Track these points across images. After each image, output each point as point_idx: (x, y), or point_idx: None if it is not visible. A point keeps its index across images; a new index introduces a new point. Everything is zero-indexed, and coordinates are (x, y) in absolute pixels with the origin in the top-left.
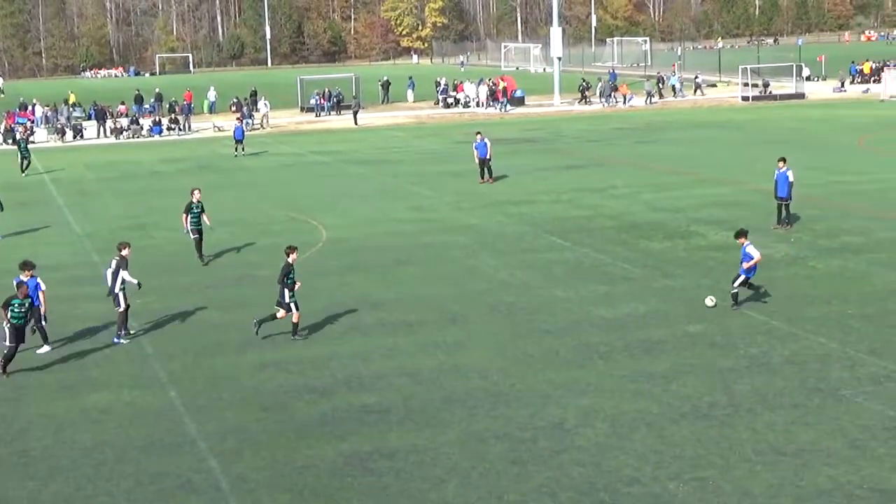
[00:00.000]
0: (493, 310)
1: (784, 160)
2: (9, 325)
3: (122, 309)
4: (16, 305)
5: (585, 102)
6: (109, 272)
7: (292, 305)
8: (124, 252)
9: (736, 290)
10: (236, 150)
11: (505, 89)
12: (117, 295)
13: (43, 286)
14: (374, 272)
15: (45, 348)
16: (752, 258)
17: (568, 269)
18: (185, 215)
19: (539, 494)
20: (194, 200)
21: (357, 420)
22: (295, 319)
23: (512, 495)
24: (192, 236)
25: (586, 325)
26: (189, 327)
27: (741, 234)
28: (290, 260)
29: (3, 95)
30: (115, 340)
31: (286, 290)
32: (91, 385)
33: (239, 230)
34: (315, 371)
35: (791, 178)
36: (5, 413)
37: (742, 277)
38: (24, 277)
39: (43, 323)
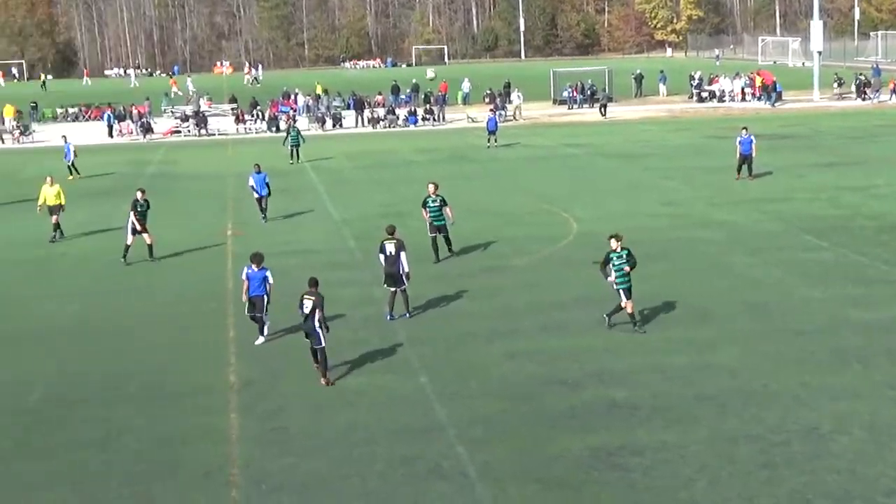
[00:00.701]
0: (745, 308)
1: None
2: (322, 325)
3: (406, 286)
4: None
5: (862, 98)
6: (382, 257)
7: (622, 293)
8: (396, 234)
9: None
10: (489, 141)
11: (774, 83)
12: (400, 277)
13: (271, 280)
14: None
15: (261, 339)
16: None
17: (824, 270)
18: (424, 210)
19: (791, 500)
20: (431, 194)
21: (605, 414)
22: (629, 310)
23: (763, 499)
24: (429, 234)
25: (843, 327)
26: (440, 315)
27: None
28: (612, 246)
29: (258, 85)
30: (405, 315)
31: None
32: (346, 368)
33: (490, 220)
34: (564, 363)
35: None
36: (266, 391)
37: None
38: (254, 268)
39: (265, 315)
